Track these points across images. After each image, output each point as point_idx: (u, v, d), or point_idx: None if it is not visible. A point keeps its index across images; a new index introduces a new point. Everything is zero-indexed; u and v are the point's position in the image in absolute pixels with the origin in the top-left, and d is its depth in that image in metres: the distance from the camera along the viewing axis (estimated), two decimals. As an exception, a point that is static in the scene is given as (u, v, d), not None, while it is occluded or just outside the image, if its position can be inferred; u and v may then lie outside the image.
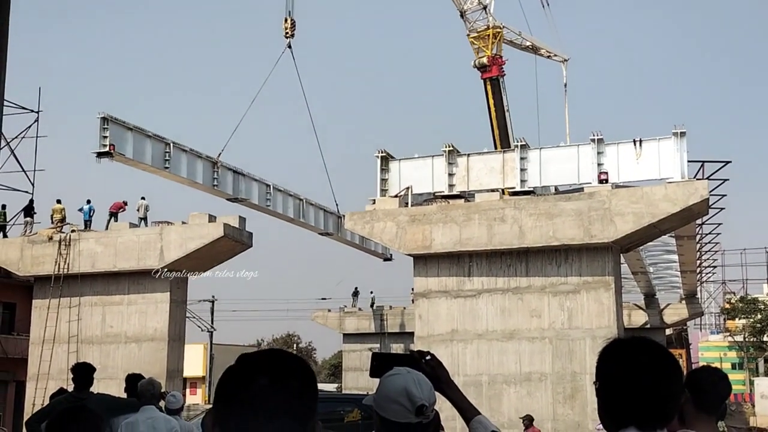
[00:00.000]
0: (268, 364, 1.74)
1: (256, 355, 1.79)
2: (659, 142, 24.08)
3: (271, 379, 1.69)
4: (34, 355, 29.49)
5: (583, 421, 22.85)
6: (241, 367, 1.74)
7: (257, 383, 1.69)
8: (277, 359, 1.77)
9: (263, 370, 1.71)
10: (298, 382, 1.73)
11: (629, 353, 2.33)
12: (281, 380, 1.70)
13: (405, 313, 48.80)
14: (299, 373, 1.75)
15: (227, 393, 1.72)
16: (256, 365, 1.73)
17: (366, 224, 25.79)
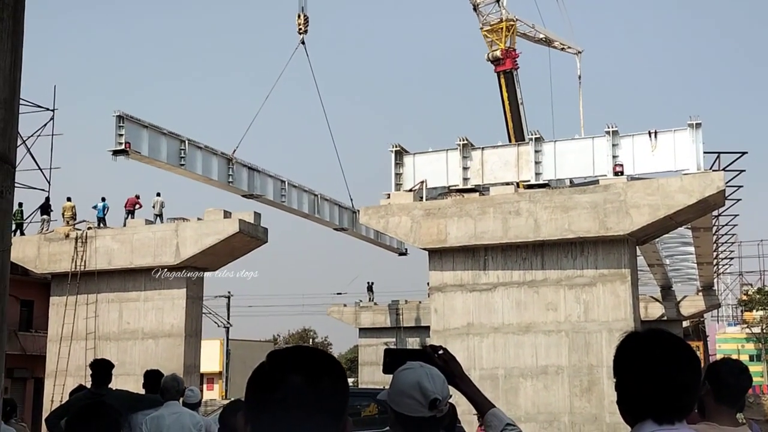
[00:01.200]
0: (301, 362, 1.73)
1: (288, 352, 1.78)
2: (674, 133, 23.96)
3: (305, 378, 1.69)
4: (52, 352, 29.69)
5: (600, 414, 22.80)
6: (274, 365, 1.73)
7: (292, 382, 1.68)
8: (310, 357, 1.75)
9: (297, 368, 1.70)
10: (331, 379, 1.72)
11: (646, 346, 2.32)
12: (315, 378, 1.70)
13: (420, 307, 48.77)
14: (332, 371, 1.74)
15: (260, 392, 1.71)
16: (290, 363, 1.72)
17: (381, 219, 25.80)
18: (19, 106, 5.92)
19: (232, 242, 28.60)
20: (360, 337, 52.73)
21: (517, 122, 38.66)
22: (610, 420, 22.21)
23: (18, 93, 5.78)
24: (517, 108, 39.01)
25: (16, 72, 5.66)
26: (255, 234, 29.21)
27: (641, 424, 2.28)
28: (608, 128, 24.52)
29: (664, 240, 37.57)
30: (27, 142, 31.73)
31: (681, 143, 23.73)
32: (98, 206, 30.91)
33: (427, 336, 29.39)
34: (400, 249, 44.10)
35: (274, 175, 32.54)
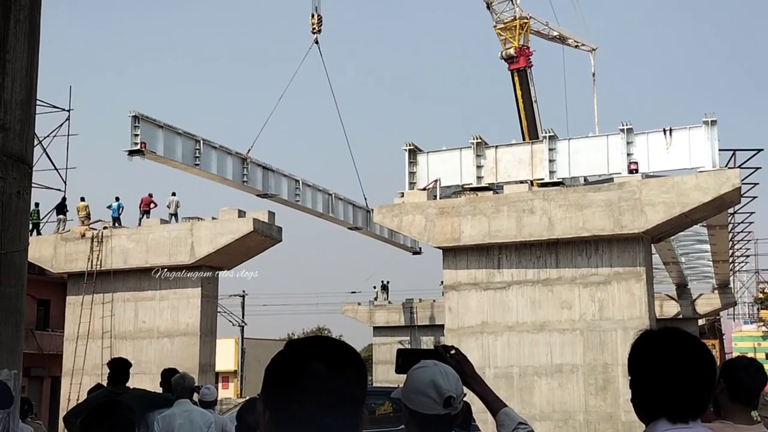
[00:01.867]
0: (324, 351, 1.72)
1: (310, 341, 1.76)
2: (690, 131, 23.87)
3: (328, 367, 1.68)
4: (69, 351, 29.88)
5: (615, 412, 22.74)
6: (296, 353, 1.72)
7: (315, 371, 1.67)
8: (332, 346, 1.75)
9: (320, 357, 1.69)
10: (353, 369, 1.72)
11: (660, 345, 2.33)
12: (338, 368, 1.69)
13: (435, 306, 48.75)
14: (354, 361, 1.74)
15: (281, 380, 1.70)
16: (312, 352, 1.71)
17: (395, 217, 25.82)
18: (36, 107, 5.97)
19: (246, 241, 28.71)
20: (374, 335, 52.77)
21: (530, 120, 38.61)
22: (625, 419, 22.15)
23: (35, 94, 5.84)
24: (531, 106, 38.95)
25: (32, 73, 5.71)
26: (269, 233, 29.31)
27: (655, 423, 2.29)
28: (623, 126, 24.45)
29: (680, 238, 37.41)
30: (43, 142, 31.89)
31: (696, 141, 23.63)
32: (113, 206, 31.09)
33: (442, 335, 29.42)
34: (414, 248, 44.10)
35: (289, 175, 32.61)
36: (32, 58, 5.64)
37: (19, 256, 5.51)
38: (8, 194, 5.25)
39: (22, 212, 5.57)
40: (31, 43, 5.63)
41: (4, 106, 5.22)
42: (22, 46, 5.50)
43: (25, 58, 5.48)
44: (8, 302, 5.27)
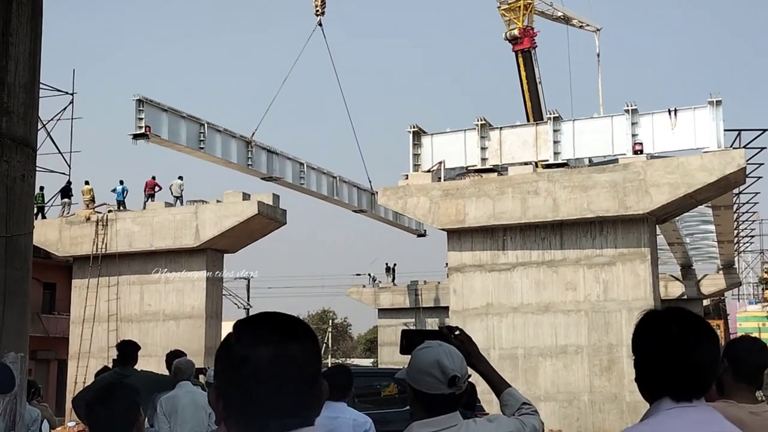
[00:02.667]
0: (268, 332, 1.67)
1: (254, 323, 1.71)
2: (694, 111, 23.80)
3: (273, 349, 1.63)
4: (75, 334, 30.01)
5: (620, 392, 22.81)
6: (240, 340, 1.67)
7: (260, 355, 1.62)
8: (277, 326, 1.69)
9: (264, 341, 1.64)
10: (300, 346, 1.66)
11: (664, 324, 2.33)
12: (284, 349, 1.64)
13: (440, 288, 48.83)
14: (300, 337, 1.68)
15: (229, 368, 1.66)
16: (257, 336, 1.66)
17: (399, 200, 25.82)
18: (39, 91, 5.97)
19: (251, 224, 28.74)
20: (379, 317, 52.90)
21: (535, 101, 38.48)
22: (630, 399, 22.21)
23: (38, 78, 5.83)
24: (536, 87, 38.81)
25: (35, 57, 5.71)
26: (274, 216, 29.33)
27: (659, 402, 2.29)
28: (627, 106, 24.39)
29: (684, 218, 37.36)
30: (47, 126, 31.89)
31: (701, 121, 23.56)
32: (117, 189, 31.11)
33: (446, 316, 29.46)
34: (418, 230, 44.10)
35: (293, 158, 32.59)
36: (35, 42, 5.63)
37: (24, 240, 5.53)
38: (12, 178, 5.26)
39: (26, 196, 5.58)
40: (34, 27, 5.63)
41: (7, 90, 5.22)
42: (25, 30, 5.49)
43: (27, 41, 5.47)
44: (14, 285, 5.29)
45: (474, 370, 3.10)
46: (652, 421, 2.26)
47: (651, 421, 2.27)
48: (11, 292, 5.26)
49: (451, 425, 2.82)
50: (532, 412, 3.10)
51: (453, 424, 2.83)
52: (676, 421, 2.23)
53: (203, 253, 29.09)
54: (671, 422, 2.22)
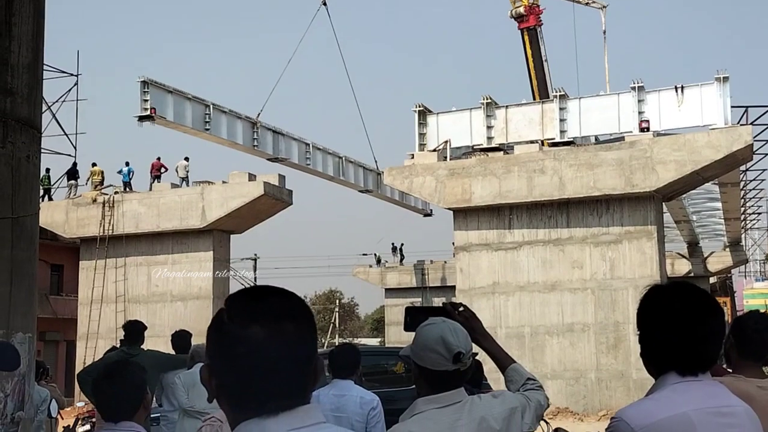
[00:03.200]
0: (261, 310, 1.61)
1: (247, 299, 1.66)
2: (701, 87, 23.68)
3: (267, 328, 1.58)
4: (83, 315, 30.16)
5: (626, 370, 22.85)
6: (233, 316, 1.62)
7: (253, 335, 1.57)
8: (271, 303, 1.64)
9: (258, 318, 1.59)
10: (295, 324, 1.61)
11: (669, 298, 2.32)
12: (278, 327, 1.59)
13: (446, 267, 48.89)
14: (295, 315, 1.63)
15: (222, 346, 1.61)
16: (250, 314, 1.61)
17: (405, 179, 25.80)
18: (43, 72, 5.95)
19: (257, 205, 28.76)
20: (386, 297, 53.01)
21: (541, 80, 38.30)
22: (636, 376, 22.26)
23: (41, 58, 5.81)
24: (541, 65, 38.62)
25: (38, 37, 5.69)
26: (280, 196, 29.34)
27: (665, 376, 2.29)
28: (634, 84, 24.27)
29: (691, 196, 37.26)
30: (52, 108, 31.86)
31: (708, 98, 23.45)
32: (123, 171, 31.14)
33: (453, 295, 29.50)
34: (424, 210, 44.08)
35: (299, 138, 32.54)
36: (38, 22, 5.62)
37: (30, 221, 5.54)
38: (17, 158, 5.26)
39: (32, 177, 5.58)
40: (37, 6, 5.60)
41: (10, 70, 5.21)
42: (28, 9, 5.47)
43: (30, 21, 5.45)
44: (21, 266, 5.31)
45: (479, 347, 3.10)
46: (657, 396, 2.26)
47: (657, 396, 2.27)
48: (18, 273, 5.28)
49: (455, 401, 2.83)
50: (537, 387, 3.10)
51: (458, 400, 2.83)
52: (681, 395, 2.23)
53: (210, 234, 29.15)
54: (677, 396, 2.23)
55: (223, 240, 29.88)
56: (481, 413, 2.83)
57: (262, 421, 1.57)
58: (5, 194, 5.16)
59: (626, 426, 2.17)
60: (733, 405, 2.28)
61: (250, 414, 1.58)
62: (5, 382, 5.19)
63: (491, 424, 2.83)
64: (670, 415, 2.17)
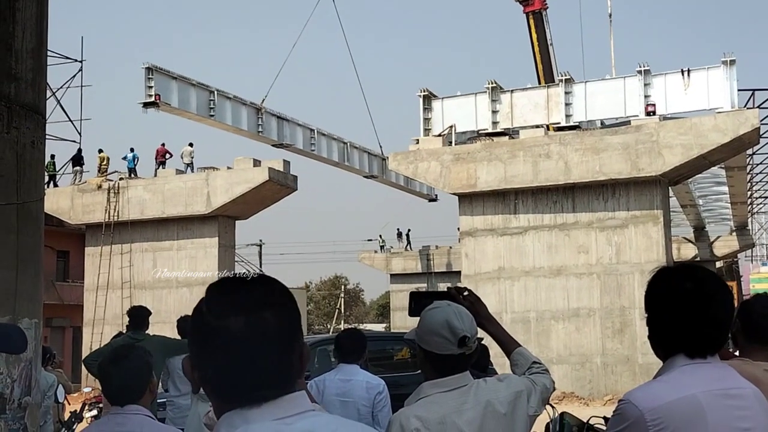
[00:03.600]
0: (239, 301, 1.59)
1: (225, 290, 1.63)
2: (708, 71, 23.57)
3: (245, 318, 1.55)
4: (89, 301, 30.24)
5: (632, 355, 22.86)
6: (210, 307, 1.59)
7: (232, 326, 1.55)
8: (248, 293, 1.61)
9: (236, 309, 1.56)
10: (274, 312, 1.58)
11: (676, 280, 2.31)
12: (256, 316, 1.56)
13: (451, 253, 48.90)
14: (274, 302, 1.61)
15: (202, 339, 1.59)
16: (226, 303, 1.58)
17: (410, 164, 25.76)
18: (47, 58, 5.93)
19: (262, 190, 28.76)
20: (391, 282, 53.07)
21: (546, 64, 38.07)
22: (642, 361, 22.27)
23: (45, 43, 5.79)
24: (547, 49, 38.37)
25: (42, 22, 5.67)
26: (285, 182, 29.33)
27: (673, 359, 2.28)
28: (640, 67, 24.17)
29: (697, 180, 37.21)
30: (56, 93, 31.86)
31: (714, 81, 23.35)
32: (128, 157, 31.16)
33: (459, 281, 29.52)
34: (430, 195, 44.05)
35: (303, 124, 32.51)
36: (42, 7, 5.59)
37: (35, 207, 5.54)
38: (22, 144, 5.25)
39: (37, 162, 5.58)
40: (40, -9, 5.59)
41: (14, 56, 5.20)
42: (31, -6, 5.45)
43: (34, 6, 5.43)
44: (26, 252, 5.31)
45: (484, 331, 3.10)
46: (665, 378, 2.25)
47: (665, 378, 2.26)
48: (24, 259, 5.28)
49: (461, 385, 2.82)
50: (543, 371, 3.09)
51: (463, 384, 2.83)
52: (690, 377, 2.22)
53: (215, 220, 29.18)
54: (685, 379, 2.22)
55: (228, 226, 29.91)
56: (486, 397, 2.83)
57: (245, 411, 1.55)
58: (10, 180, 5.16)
59: (634, 408, 2.16)
60: (741, 387, 2.27)
61: (234, 405, 1.56)
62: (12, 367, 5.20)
63: (497, 407, 2.83)
64: (678, 398, 2.17)
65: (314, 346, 12.89)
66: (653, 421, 2.13)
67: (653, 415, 2.14)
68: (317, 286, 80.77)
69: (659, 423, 2.13)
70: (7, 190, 5.19)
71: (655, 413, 2.14)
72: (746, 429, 2.22)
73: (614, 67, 38.71)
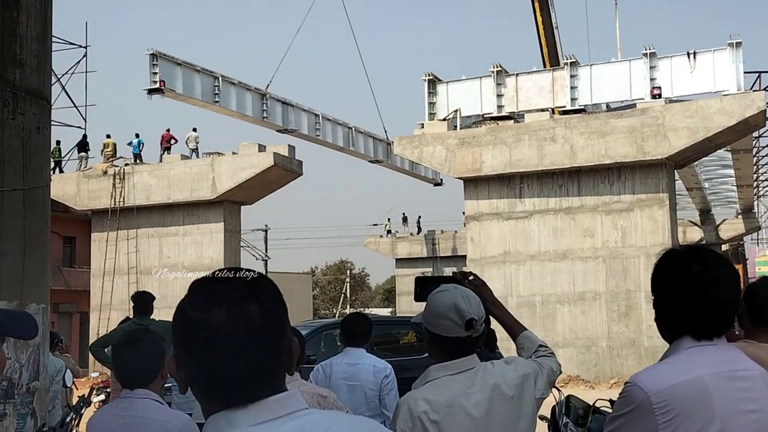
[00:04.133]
0: (220, 294, 1.54)
1: (208, 283, 1.59)
2: (714, 53, 23.47)
3: (227, 311, 1.51)
4: (96, 287, 30.32)
5: (638, 338, 22.88)
6: (193, 301, 1.55)
7: (213, 320, 1.50)
8: (232, 286, 1.56)
9: (217, 301, 1.52)
10: (258, 304, 1.53)
11: (684, 262, 2.31)
12: (238, 309, 1.51)
13: (456, 237, 48.93)
14: (257, 295, 1.55)
15: (185, 335, 1.54)
16: (209, 297, 1.54)
17: (415, 149, 25.73)
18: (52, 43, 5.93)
19: (267, 176, 28.76)
20: (397, 267, 53.14)
21: (551, 47, 37.89)
22: (648, 344, 22.29)
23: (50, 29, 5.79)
24: (552, 32, 38.18)
25: (46, 8, 5.66)
26: (290, 167, 29.32)
27: (679, 341, 2.28)
28: (645, 50, 24.07)
29: (703, 163, 37.07)
30: (61, 79, 31.81)
31: (720, 63, 23.25)
32: (133, 142, 31.16)
33: (464, 265, 29.52)
34: (435, 179, 44.03)
35: (308, 109, 32.46)
36: (45, -8, 5.59)
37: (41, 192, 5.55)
38: (28, 130, 5.26)
39: (42, 148, 5.59)
40: (44, -23, 5.58)
41: (19, 41, 5.20)
42: (35, -20, 5.44)
43: (38, -9, 5.43)
44: (33, 237, 5.33)
45: (490, 315, 3.10)
46: (672, 360, 2.25)
47: (671, 360, 2.26)
48: (31, 245, 5.30)
49: (468, 368, 2.83)
50: (549, 354, 3.10)
51: (471, 367, 2.84)
52: (697, 359, 2.22)
53: (220, 205, 29.20)
54: (691, 361, 2.22)
55: (233, 211, 29.93)
56: (494, 380, 2.84)
57: (230, 413, 1.50)
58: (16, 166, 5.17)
59: (640, 391, 2.16)
60: (748, 369, 2.27)
61: (221, 405, 1.51)
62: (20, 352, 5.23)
63: (504, 390, 2.84)
64: (684, 380, 2.16)
65: (320, 330, 12.93)
66: (659, 403, 2.13)
67: (659, 397, 2.14)
68: (323, 270, 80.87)
69: (665, 405, 2.13)
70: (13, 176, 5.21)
71: (661, 396, 2.14)
72: (753, 411, 2.22)
73: (620, 49, 38.46)
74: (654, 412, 2.13)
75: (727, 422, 2.16)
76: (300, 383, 4.32)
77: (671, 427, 2.12)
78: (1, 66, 5.11)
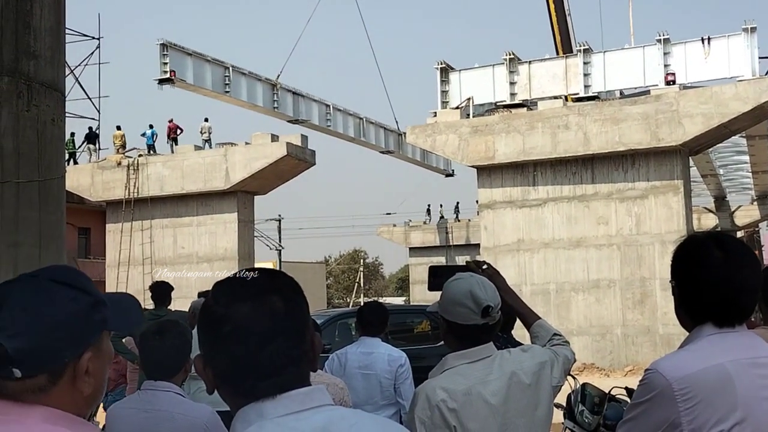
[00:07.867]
0: (244, 289, 1.58)
1: (230, 281, 1.63)
2: (728, 39, 23.29)
3: (251, 305, 1.55)
4: (111, 278, 30.46)
5: (653, 325, 22.82)
6: (217, 298, 1.59)
7: (237, 313, 1.54)
8: (254, 281, 1.60)
9: (241, 297, 1.56)
10: (281, 298, 1.57)
11: (705, 249, 2.29)
12: (262, 303, 1.55)
13: (470, 226, 48.89)
14: (280, 289, 1.59)
15: (210, 332, 1.58)
16: (232, 293, 1.58)
17: (428, 137, 25.68)
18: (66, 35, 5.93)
19: (280, 165, 28.78)
20: (410, 256, 53.16)
21: (564, 34, 37.71)
22: (663, 331, 22.23)
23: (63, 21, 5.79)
24: (565, 19, 38.00)
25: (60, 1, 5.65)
26: (303, 157, 29.33)
27: (700, 328, 2.26)
28: (659, 36, 23.91)
29: (718, 149, 36.86)
30: (75, 71, 31.90)
31: (735, 49, 23.07)
32: (147, 134, 31.25)
33: (477, 254, 29.51)
34: (446, 170, 43.99)
35: (319, 100, 32.43)
36: (59, -16, 5.59)
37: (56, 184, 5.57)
38: (43, 122, 5.27)
39: (57, 139, 5.60)
40: (57, -32, 5.58)
41: (33, 33, 5.20)
42: (48, -29, 5.44)
43: (51, -17, 5.43)
44: (49, 228, 5.35)
45: (503, 303, 3.10)
46: (693, 347, 2.24)
47: (692, 347, 2.24)
48: (47, 236, 5.32)
49: (485, 356, 2.83)
50: (564, 342, 3.10)
51: (487, 355, 2.83)
52: (717, 346, 2.20)
53: (234, 196, 29.26)
54: (713, 348, 2.20)
55: (247, 201, 29.99)
56: (511, 368, 2.84)
57: (259, 405, 1.53)
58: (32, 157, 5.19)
59: (661, 378, 2.15)
60: (770, 355, 2.25)
61: (249, 398, 1.54)
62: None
63: (522, 378, 2.83)
64: (706, 367, 2.15)
65: (335, 319, 12.95)
66: (681, 390, 2.12)
67: (681, 384, 2.12)
68: (336, 260, 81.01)
69: (687, 392, 2.12)
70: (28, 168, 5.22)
71: (683, 383, 2.12)
72: (775, 397, 2.20)
73: (633, 36, 38.28)
74: (675, 399, 2.12)
75: (749, 409, 2.14)
76: (316, 374, 4.32)
77: (693, 414, 2.11)
78: (16, 58, 5.12)
